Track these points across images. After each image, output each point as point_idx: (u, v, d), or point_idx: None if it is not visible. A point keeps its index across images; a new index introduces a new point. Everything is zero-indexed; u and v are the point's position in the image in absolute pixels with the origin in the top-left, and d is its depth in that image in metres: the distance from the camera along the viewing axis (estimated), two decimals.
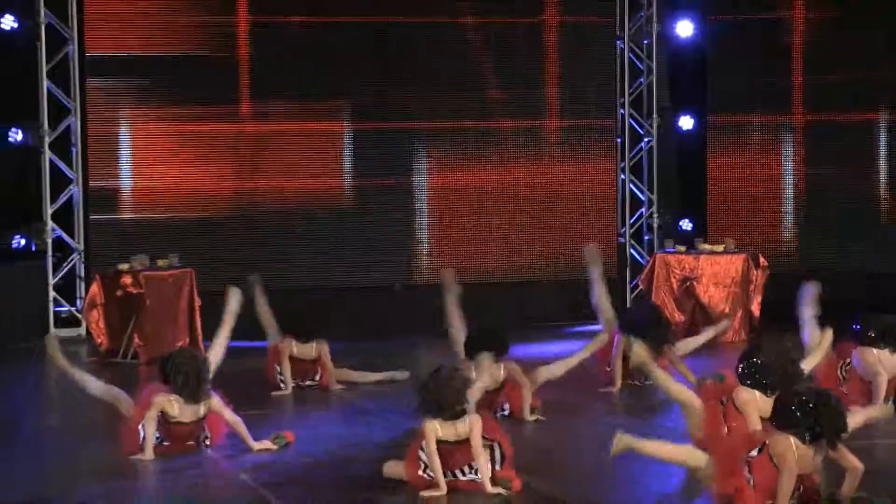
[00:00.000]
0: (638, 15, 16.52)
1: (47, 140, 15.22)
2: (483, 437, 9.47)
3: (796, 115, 16.71)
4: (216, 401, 10.57)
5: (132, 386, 11.76)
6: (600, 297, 13.19)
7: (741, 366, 9.50)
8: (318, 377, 13.05)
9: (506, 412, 11.62)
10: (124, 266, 14.30)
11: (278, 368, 12.86)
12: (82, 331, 15.21)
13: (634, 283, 16.09)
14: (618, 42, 16.52)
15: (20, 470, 9.78)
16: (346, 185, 16.21)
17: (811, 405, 8.33)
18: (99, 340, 14.43)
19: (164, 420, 10.40)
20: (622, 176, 16.56)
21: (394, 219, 16.04)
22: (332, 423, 12.37)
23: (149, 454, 10.22)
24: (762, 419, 9.35)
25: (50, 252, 15.44)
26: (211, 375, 10.82)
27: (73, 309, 15.56)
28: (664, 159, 16.75)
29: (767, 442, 8.42)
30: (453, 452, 9.45)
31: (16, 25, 15.18)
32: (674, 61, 16.85)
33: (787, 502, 8.30)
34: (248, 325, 12.46)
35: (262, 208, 15.68)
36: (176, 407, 10.34)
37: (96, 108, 15.53)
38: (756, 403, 9.29)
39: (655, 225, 15.92)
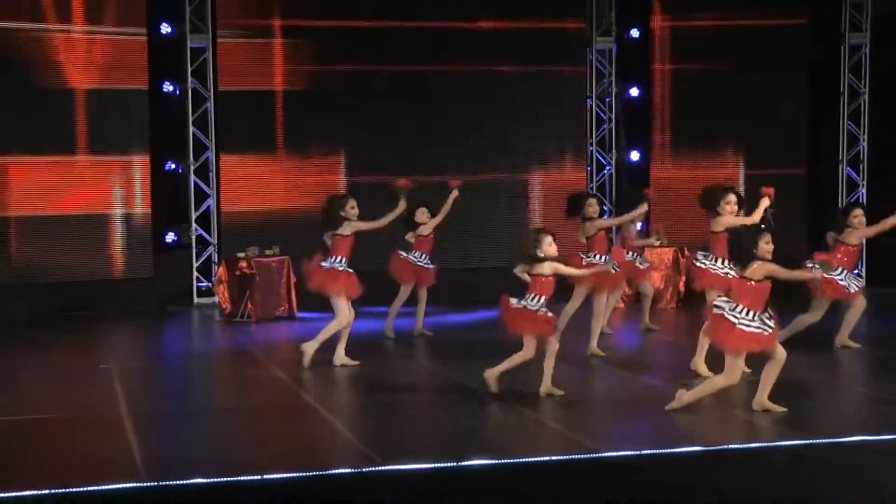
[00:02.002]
0: (602, 81, 16.93)
1: (192, 168, 15.90)
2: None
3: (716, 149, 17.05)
4: None
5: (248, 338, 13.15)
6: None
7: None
8: None
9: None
10: (241, 254, 14.87)
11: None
12: (215, 299, 15.47)
13: None
14: (588, 100, 16.90)
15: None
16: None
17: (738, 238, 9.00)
18: (224, 306, 14.94)
19: None
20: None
21: None
22: None
23: None
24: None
25: (193, 245, 16.06)
26: None
27: (208, 284, 15.97)
28: (620, 181, 17.10)
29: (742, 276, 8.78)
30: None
31: (172, 89, 16.00)
32: (627, 113, 17.23)
33: (791, 275, 8.84)
34: None
35: None
36: None
37: (225, 147, 16.02)
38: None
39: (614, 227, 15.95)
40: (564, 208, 12.17)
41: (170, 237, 16.31)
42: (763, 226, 9.45)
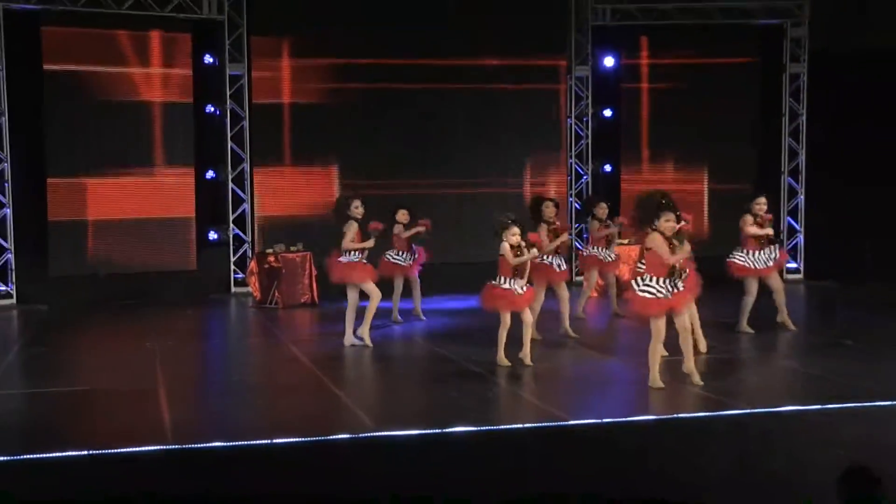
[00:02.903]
0: (580, 103, 16.65)
1: (230, 177, 15.62)
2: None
3: (668, 161, 16.82)
4: None
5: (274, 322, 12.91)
6: None
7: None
8: None
9: None
10: (270, 250, 14.74)
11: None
12: (249, 289, 15.17)
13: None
14: (568, 119, 16.63)
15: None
16: None
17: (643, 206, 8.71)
18: (255, 294, 14.75)
19: None
20: (570, 199, 16.70)
21: None
22: None
23: None
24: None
25: (231, 242, 15.75)
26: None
27: (243, 276, 15.61)
28: (595, 189, 16.69)
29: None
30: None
31: (212, 110, 15.69)
32: (600, 132, 16.87)
33: (673, 258, 8.41)
34: None
35: None
36: None
37: (258, 160, 15.80)
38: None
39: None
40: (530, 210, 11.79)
41: (211, 236, 15.99)
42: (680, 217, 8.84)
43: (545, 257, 11.00)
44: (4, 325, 13.40)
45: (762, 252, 11.39)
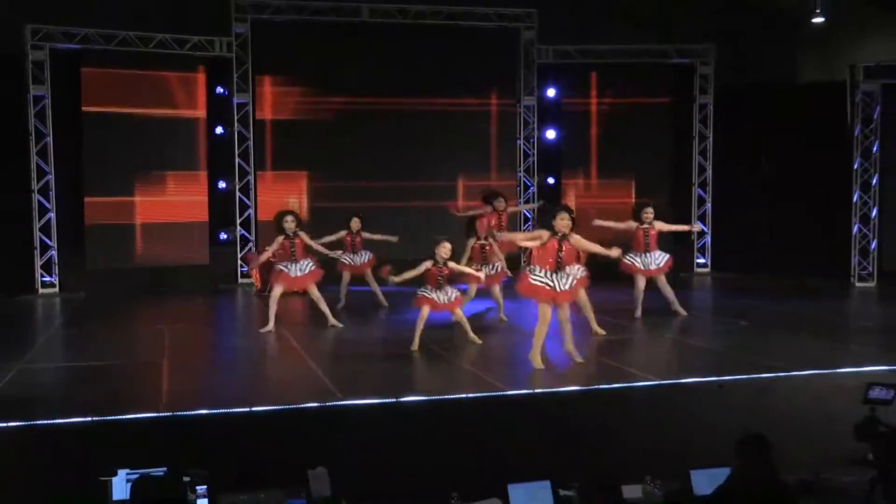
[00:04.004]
0: (527, 127, 16.28)
1: (237, 186, 15.14)
2: None
3: (602, 175, 16.42)
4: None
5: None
6: None
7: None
8: None
9: None
10: (268, 248, 14.27)
11: None
12: (251, 280, 14.69)
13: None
14: (518, 140, 16.24)
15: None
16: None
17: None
18: (256, 285, 14.26)
19: None
20: (519, 206, 16.04)
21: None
22: None
23: None
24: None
25: (238, 241, 15.27)
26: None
27: (247, 269, 14.88)
28: (540, 199, 15.78)
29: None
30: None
31: (221, 131, 15.25)
32: (545, 150, 16.49)
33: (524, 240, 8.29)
34: None
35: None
36: None
37: (261, 172, 15.30)
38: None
39: None
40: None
41: (221, 236, 15.48)
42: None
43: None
44: (49, 310, 13.10)
45: (648, 255, 11.01)
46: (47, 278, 14.33)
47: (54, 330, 11.42)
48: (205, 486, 4.56)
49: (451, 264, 9.33)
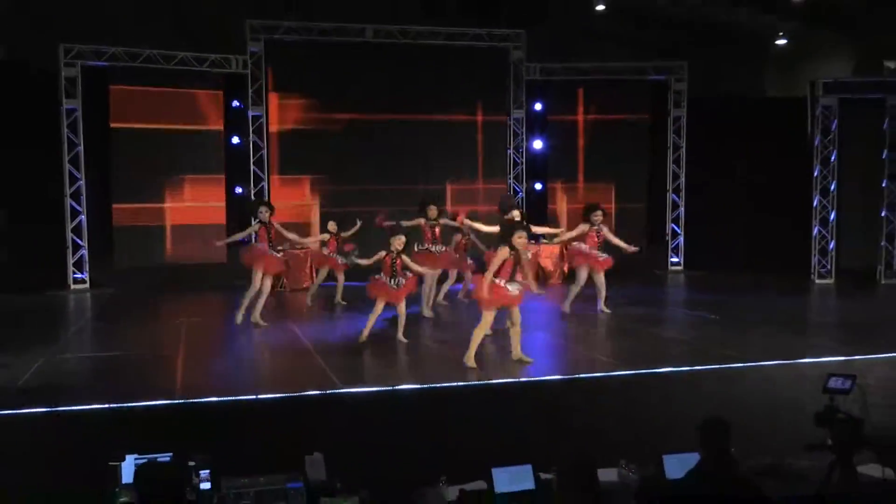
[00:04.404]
0: (517, 138, 16.03)
1: (252, 192, 14.88)
2: None
3: (587, 182, 16.26)
4: None
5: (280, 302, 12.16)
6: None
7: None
8: None
9: None
10: (280, 247, 13.88)
11: None
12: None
13: None
14: (507, 150, 16.05)
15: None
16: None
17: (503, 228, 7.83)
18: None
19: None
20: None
21: None
22: None
23: None
24: None
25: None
26: None
27: None
28: (527, 204, 15.92)
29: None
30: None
31: (237, 141, 15.05)
32: (532, 159, 16.24)
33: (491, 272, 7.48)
34: None
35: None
36: None
37: (275, 179, 15.15)
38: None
39: None
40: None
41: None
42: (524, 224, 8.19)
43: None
44: (80, 305, 12.93)
45: (597, 251, 10.58)
46: (78, 275, 14.23)
47: (84, 323, 11.24)
48: (208, 471, 4.39)
49: (403, 257, 9.17)
